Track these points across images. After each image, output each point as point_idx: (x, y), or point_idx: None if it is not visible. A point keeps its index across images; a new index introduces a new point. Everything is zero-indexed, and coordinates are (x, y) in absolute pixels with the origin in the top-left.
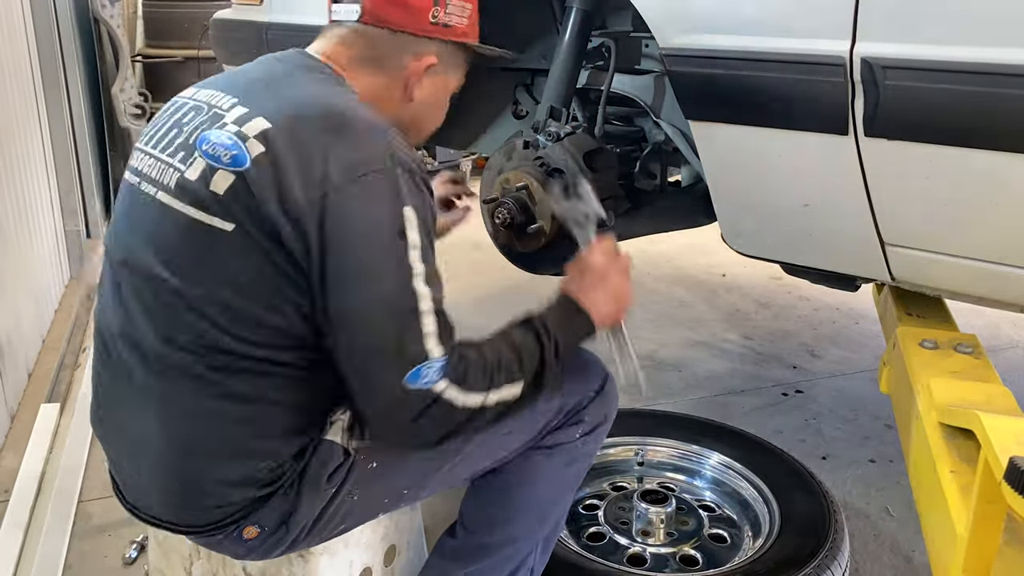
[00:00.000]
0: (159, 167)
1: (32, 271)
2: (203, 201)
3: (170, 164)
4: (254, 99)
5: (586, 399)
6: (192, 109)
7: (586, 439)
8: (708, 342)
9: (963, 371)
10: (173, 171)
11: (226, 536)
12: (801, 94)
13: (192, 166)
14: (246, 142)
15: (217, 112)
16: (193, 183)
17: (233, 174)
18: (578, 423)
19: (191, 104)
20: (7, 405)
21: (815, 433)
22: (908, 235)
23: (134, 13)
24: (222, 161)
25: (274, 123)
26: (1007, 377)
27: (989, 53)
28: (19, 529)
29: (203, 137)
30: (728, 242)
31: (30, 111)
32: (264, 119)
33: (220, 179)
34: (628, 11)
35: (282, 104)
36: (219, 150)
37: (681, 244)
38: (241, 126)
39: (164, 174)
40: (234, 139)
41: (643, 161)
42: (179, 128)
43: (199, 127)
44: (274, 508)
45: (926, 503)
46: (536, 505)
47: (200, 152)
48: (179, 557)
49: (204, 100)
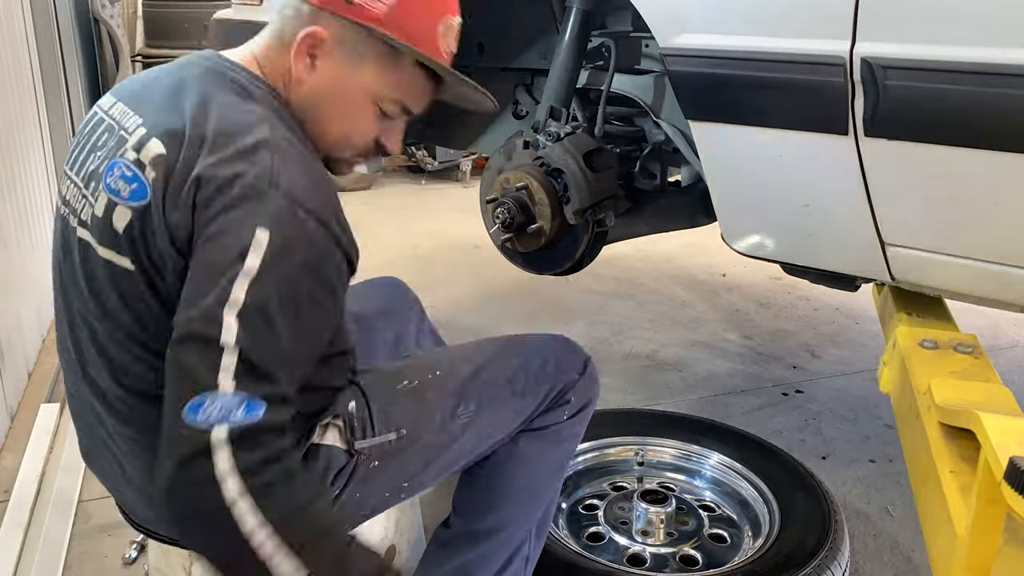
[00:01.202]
0: (76, 197)
1: (32, 271)
2: (108, 238)
3: (83, 195)
4: (154, 116)
5: (571, 381)
6: (106, 131)
7: (573, 420)
8: (708, 342)
9: (963, 371)
10: (86, 204)
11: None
12: (801, 94)
13: (98, 200)
14: (144, 171)
15: (123, 136)
16: (100, 219)
17: (131, 209)
18: (565, 404)
19: (106, 123)
20: (7, 405)
21: (815, 433)
22: (908, 235)
23: (134, 13)
24: (122, 196)
25: (167, 145)
26: (1007, 377)
27: (989, 53)
28: (19, 529)
29: (108, 168)
30: (728, 242)
31: (30, 111)
32: (158, 141)
33: (120, 215)
34: (628, 11)
35: (175, 122)
36: (120, 184)
37: (681, 244)
38: (139, 152)
39: (81, 207)
40: (133, 169)
41: (643, 161)
42: (94, 153)
43: (108, 155)
44: None
45: (926, 503)
46: (527, 487)
47: (104, 185)
48: (179, 557)
49: (116, 118)
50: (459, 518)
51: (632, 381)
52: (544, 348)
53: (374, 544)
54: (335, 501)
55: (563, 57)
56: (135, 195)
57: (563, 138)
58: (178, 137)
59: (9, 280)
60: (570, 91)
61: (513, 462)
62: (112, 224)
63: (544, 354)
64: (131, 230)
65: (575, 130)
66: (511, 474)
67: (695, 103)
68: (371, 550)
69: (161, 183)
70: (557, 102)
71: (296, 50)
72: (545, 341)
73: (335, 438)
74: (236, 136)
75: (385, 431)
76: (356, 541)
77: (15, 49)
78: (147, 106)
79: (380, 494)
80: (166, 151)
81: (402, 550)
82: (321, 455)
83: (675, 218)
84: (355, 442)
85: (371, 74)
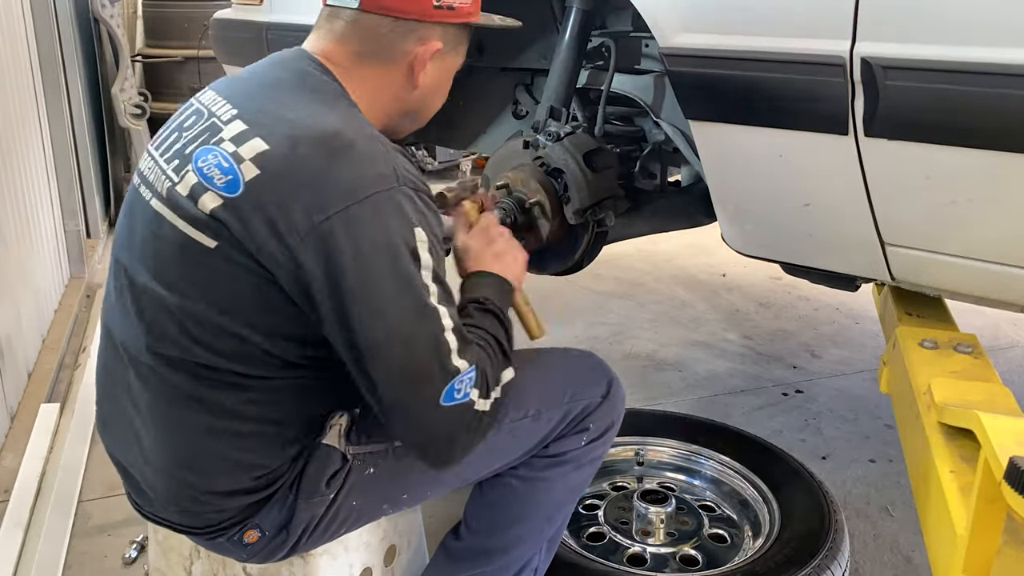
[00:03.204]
0: (156, 172)
1: (32, 271)
2: (191, 216)
3: (164, 172)
4: (254, 115)
5: (592, 405)
6: (194, 113)
7: (593, 445)
8: (708, 342)
9: (963, 371)
10: (166, 179)
11: (227, 539)
12: (801, 94)
13: (184, 179)
14: (241, 164)
15: (215, 123)
16: (183, 197)
17: (222, 197)
18: (583, 430)
19: (194, 107)
20: (7, 405)
21: (815, 433)
22: (908, 235)
23: (134, 13)
24: (215, 183)
25: (272, 145)
26: (1007, 377)
27: (989, 53)
28: (19, 529)
29: (199, 153)
30: (728, 242)
31: (30, 111)
32: (262, 140)
33: (209, 199)
34: (628, 11)
35: (281, 124)
36: (213, 171)
37: (681, 244)
38: (238, 146)
39: (159, 180)
40: (230, 162)
41: (643, 161)
42: (179, 133)
43: (197, 138)
44: (273, 513)
45: (926, 503)
46: (543, 510)
47: (194, 167)
48: (179, 557)
49: (207, 104)
50: (471, 532)
51: (632, 381)
52: (565, 370)
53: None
54: (331, 505)
55: (563, 57)
56: (229, 186)
57: (563, 138)
58: (281, 137)
59: (9, 280)
60: (570, 91)
61: (529, 485)
62: (198, 204)
63: (564, 377)
64: (219, 215)
65: (575, 130)
66: (528, 497)
67: (695, 103)
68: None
69: (264, 179)
70: (557, 102)
71: (416, 64)
72: (567, 362)
73: (334, 438)
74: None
75: (382, 439)
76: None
77: (15, 49)
78: (243, 99)
79: (378, 503)
80: (270, 148)
81: (402, 550)
82: (320, 454)
83: (675, 218)
84: (350, 447)
85: (460, 56)
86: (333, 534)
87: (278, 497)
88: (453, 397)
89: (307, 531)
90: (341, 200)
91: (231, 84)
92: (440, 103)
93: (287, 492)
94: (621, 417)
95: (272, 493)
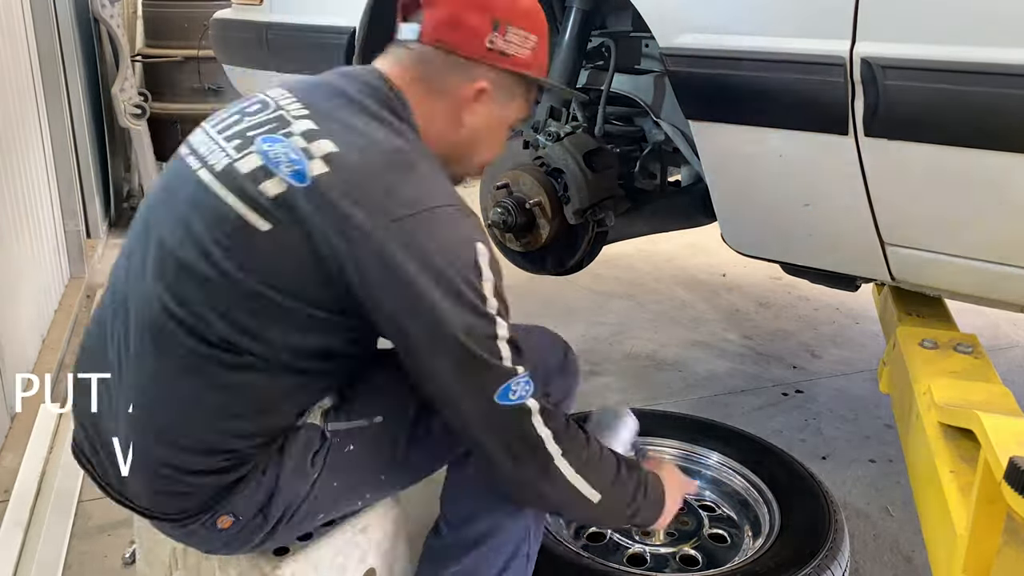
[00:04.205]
0: (211, 146)
1: (32, 271)
2: (247, 195)
3: (223, 148)
4: (324, 118)
5: (550, 373)
6: (259, 103)
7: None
8: (708, 342)
9: (963, 371)
10: (224, 155)
11: (201, 524)
12: (801, 94)
13: (246, 159)
14: (311, 160)
15: (283, 116)
16: (242, 175)
17: (287, 184)
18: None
19: (260, 97)
20: (7, 405)
21: (815, 433)
22: (908, 235)
23: (134, 13)
24: (281, 169)
25: (342, 149)
26: (1007, 377)
27: (989, 53)
28: (19, 529)
29: (267, 138)
30: (728, 242)
31: (30, 111)
32: (331, 142)
33: (273, 184)
34: (628, 11)
35: (350, 133)
36: (282, 157)
37: (681, 244)
38: (309, 142)
39: (213, 154)
40: (299, 155)
41: (643, 161)
42: (241, 116)
43: (263, 124)
44: (249, 495)
45: (926, 503)
46: None
47: (258, 150)
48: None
49: (275, 97)
50: (449, 525)
51: (632, 381)
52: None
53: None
54: (313, 486)
55: (563, 57)
56: (296, 176)
57: (563, 138)
58: (351, 143)
59: (9, 280)
60: None
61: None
62: (259, 187)
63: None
64: (282, 201)
65: (575, 130)
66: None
67: (695, 103)
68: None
69: (333, 178)
70: (557, 102)
71: (463, 102)
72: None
73: (316, 417)
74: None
75: (359, 416)
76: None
77: (15, 49)
78: (314, 101)
79: (356, 486)
80: (339, 151)
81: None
82: (301, 434)
83: (675, 218)
84: (328, 423)
85: (517, 108)
86: (311, 519)
87: (254, 478)
88: (508, 397)
89: (285, 515)
90: (405, 208)
91: (301, 84)
92: (490, 153)
93: (264, 473)
94: (576, 388)
95: (247, 474)
